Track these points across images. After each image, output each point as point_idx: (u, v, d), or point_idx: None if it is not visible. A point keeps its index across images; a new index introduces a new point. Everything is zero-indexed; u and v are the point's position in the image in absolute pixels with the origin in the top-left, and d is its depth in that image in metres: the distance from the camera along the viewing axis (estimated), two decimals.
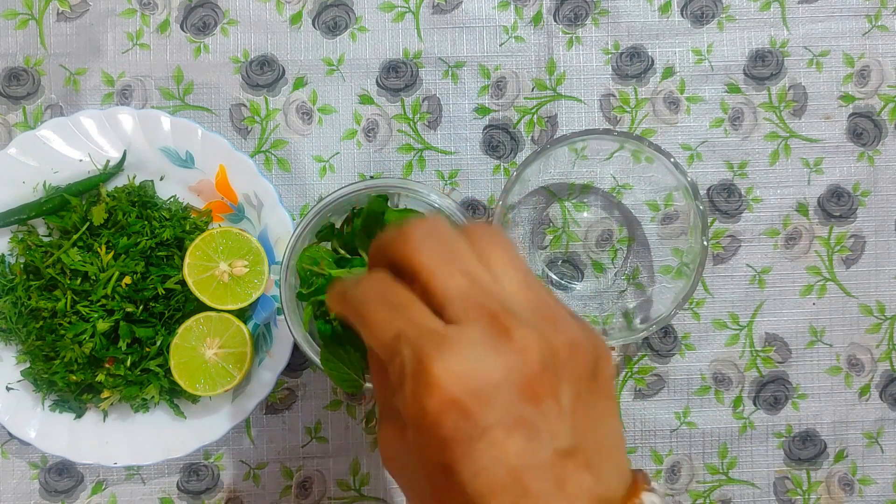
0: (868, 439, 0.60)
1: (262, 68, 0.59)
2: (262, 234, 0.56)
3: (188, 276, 0.53)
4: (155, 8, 0.59)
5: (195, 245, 0.54)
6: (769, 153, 0.60)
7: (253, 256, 0.55)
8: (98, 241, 0.54)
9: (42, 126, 0.55)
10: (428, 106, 0.59)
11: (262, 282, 0.55)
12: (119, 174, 0.56)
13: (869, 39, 0.60)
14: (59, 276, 0.53)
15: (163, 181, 0.57)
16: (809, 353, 0.60)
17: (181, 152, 0.56)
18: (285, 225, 0.55)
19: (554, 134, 0.59)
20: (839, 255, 0.60)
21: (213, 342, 0.54)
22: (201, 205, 0.57)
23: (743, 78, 0.59)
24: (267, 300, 0.56)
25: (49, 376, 0.54)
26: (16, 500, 0.58)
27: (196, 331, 0.54)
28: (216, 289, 0.54)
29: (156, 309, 0.54)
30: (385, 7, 0.59)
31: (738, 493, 0.59)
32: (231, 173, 0.56)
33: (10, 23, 0.58)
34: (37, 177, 0.55)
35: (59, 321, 0.53)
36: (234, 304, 0.54)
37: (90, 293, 0.53)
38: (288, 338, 0.55)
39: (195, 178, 0.56)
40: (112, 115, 0.55)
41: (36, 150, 0.55)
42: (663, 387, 0.59)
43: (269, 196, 0.55)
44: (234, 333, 0.54)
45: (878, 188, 0.60)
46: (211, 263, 0.54)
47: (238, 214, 0.57)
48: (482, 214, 0.59)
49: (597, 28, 0.59)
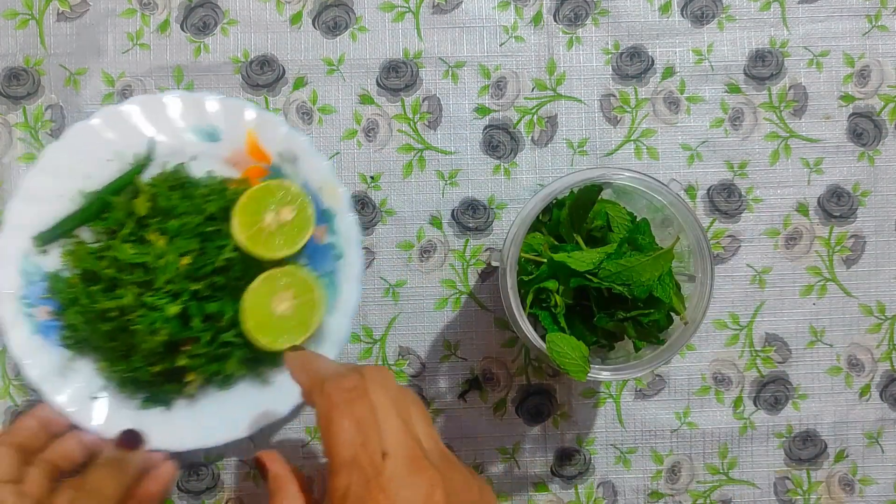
0: (868, 439, 0.60)
1: (263, 68, 0.59)
2: (304, 185, 0.56)
3: (239, 234, 0.54)
4: (155, 8, 0.59)
5: (240, 204, 0.54)
6: (769, 153, 0.60)
7: (297, 201, 0.55)
8: (147, 230, 0.54)
9: (64, 136, 0.55)
10: (428, 106, 0.59)
11: (310, 223, 0.55)
12: (149, 164, 0.56)
13: (869, 39, 0.60)
14: (118, 275, 0.53)
15: (195, 161, 0.57)
16: (810, 353, 0.60)
17: (207, 128, 0.56)
18: (324, 171, 0.56)
19: (554, 134, 0.59)
20: (839, 255, 0.60)
21: (283, 296, 0.54)
22: (238, 175, 0.57)
23: (743, 78, 0.59)
24: (323, 250, 0.56)
25: (132, 374, 0.54)
26: None
27: (264, 290, 0.54)
28: (267, 239, 0.54)
29: (219, 282, 0.54)
30: (385, 7, 0.59)
31: (739, 494, 0.59)
32: (260, 135, 0.56)
33: (10, 23, 0.58)
34: (71, 186, 0.56)
35: (129, 317, 0.53)
36: (289, 250, 0.55)
37: (152, 282, 0.53)
38: (353, 279, 0.55)
39: (226, 151, 0.57)
40: (125, 108, 0.55)
41: (62, 161, 0.55)
42: (664, 387, 0.59)
43: (303, 147, 0.56)
44: (301, 282, 0.55)
45: (879, 188, 0.60)
46: (258, 217, 0.54)
47: (275, 173, 0.57)
48: (482, 214, 0.59)
49: (597, 28, 0.59)
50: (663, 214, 0.51)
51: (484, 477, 0.59)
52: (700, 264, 0.48)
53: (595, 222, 0.52)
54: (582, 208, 0.50)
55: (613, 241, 0.50)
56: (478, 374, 0.59)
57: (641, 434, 0.59)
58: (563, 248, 0.50)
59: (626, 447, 0.59)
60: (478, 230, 0.58)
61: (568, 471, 0.59)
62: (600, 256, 0.48)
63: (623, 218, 0.52)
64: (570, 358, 0.47)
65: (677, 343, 0.48)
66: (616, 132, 0.59)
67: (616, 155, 0.59)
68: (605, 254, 0.48)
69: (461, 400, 0.59)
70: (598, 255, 0.48)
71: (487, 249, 0.59)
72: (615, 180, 0.48)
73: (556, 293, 0.50)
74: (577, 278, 0.49)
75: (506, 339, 0.59)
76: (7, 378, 0.58)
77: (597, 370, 0.48)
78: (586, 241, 0.51)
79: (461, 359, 0.59)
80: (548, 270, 0.50)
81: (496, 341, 0.59)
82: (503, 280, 0.48)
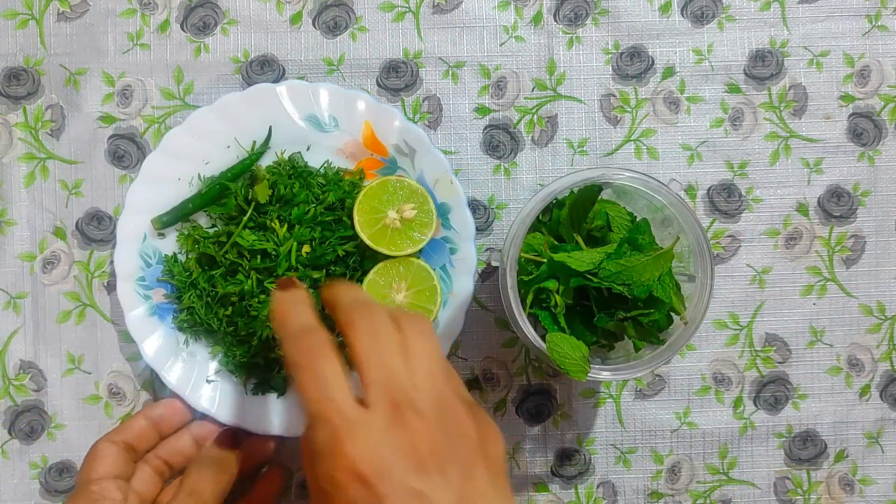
0: (868, 439, 0.60)
1: (263, 68, 0.59)
2: (420, 179, 0.56)
3: (362, 231, 0.54)
4: (155, 8, 0.59)
5: (360, 202, 0.55)
6: (769, 153, 0.60)
7: (418, 198, 0.55)
8: (268, 217, 0.54)
9: (186, 121, 0.56)
10: (428, 106, 0.59)
11: (433, 220, 0.55)
12: (266, 152, 0.57)
13: (869, 39, 0.60)
14: (238, 260, 0.54)
15: (309, 151, 0.57)
16: (810, 353, 0.60)
17: (326, 118, 0.56)
18: (441, 165, 0.56)
19: (554, 134, 0.59)
20: (839, 255, 0.60)
21: (401, 285, 0.55)
22: (351, 166, 0.57)
23: (743, 78, 0.59)
24: (437, 244, 0.57)
25: (249, 359, 0.55)
26: (16, 500, 0.58)
27: (381, 280, 0.55)
28: (391, 237, 0.55)
29: (337, 271, 0.55)
30: (385, 7, 0.59)
31: (739, 494, 0.59)
32: (377, 127, 0.56)
33: (10, 23, 0.58)
34: (190, 171, 0.56)
35: (248, 303, 0.54)
36: (413, 247, 0.55)
37: (273, 269, 0.54)
38: (467, 274, 0.56)
39: (342, 141, 0.57)
40: (254, 93, 0.56)
41: (183, 145, 0.56)
42: (664, 387, 0.59)
43: (420, 141, 0.56)
44: (418, 272, 0.55)
45: (879, 188, 0.60)
46: (380, 215, 0.55)
47: (391, 167, 0.57)
48: (482, 214, 0.59)
49: (597, 28, 0.59)
50: (663, 214, 0.51)
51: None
52: (700, 264, 0.48)
53: (595, 222, 0.52)
54: (582, 208, 0.51)
55: (613, 241, 0.50)
56: (478, 374, 0.59)
57: (641, 434, 0.59)
58: (563, 248, 0.50)
59: (626, 447, 0.59)
60: (478, 230, 0.58)
61: (568, 471, 0.59)
62: (600, 256, 0.48)
63: (623, 218, 0.52)
64: (570, 358, 0.47)
65: (677, 343, 0.48)
66: (616, 132, 0.59)
67: (616, 155, 0.59)
68: (605, 254, 0.48)
69: None
70: (598, 255, 0.48)
71: (487, 249, 0.59)
72: (615, 180, 0.48)
73: (556, 293, 0.50)
74: (577, 278, 0.49)
75: (506, 339, 0.59)
76: (7, 378, 0.58)
77: (597, 370, 0.48)
78: (586, 241, 0.51)
79: (461, 359, 0.59)
80: (548, 270, 0.50)
81: (496, 341, 0.59)
82: (503, 280, 0.48)
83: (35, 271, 0.58)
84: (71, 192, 0.58)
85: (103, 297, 0.58)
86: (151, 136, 0.58)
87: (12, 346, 0.58)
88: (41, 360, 0.58)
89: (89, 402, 0.58)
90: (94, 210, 0.58)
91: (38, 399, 0.58)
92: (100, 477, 0.50)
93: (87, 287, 0.58)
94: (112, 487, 0.50)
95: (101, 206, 0.58)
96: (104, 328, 0.58)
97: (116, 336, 0.58)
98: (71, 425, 0.58)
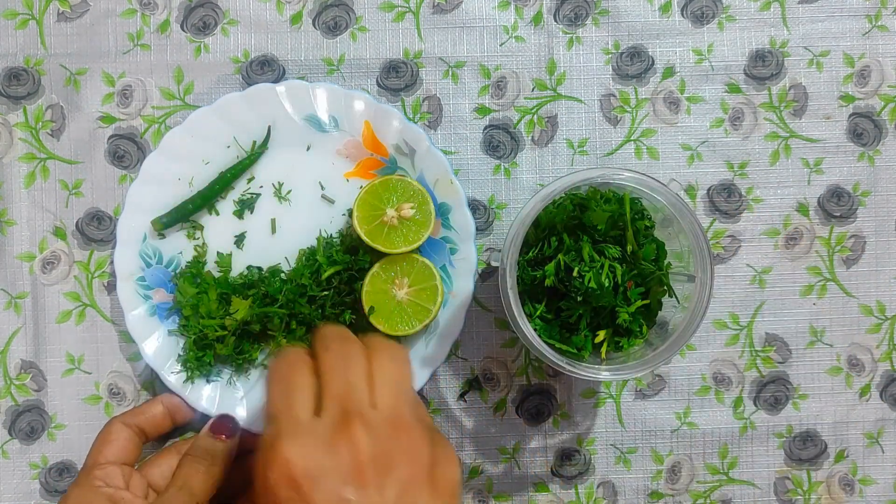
0: (868, 439, 0.60)
1: (263, 68, 0.59)
2: (420, 179, 0.56)
3: (359, 227, 0.54)
4: (155, 8, 0.59)
5: (361, 199, 0.55)
6: (769, 153, 0.60)
7: (418, 198, 0.55)
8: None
9: (186, 121, 0.56)
10: (428, 106, 0.59)
11: (431, 220, 0.55)
12: (266, 152, 0.57)
13: (869, 39, 0.60)
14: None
15: (309, 151, 0.57)
16: (810, 353, 0.60)
17: (326, 118, 0.56)
18: (441, 165, 0.56)
19: (554, 134, 0.59)
20: (839, 255, 0.60)
21: (402, 282, 0.55)
22: (351, 166, 0.57)
23: (743, 78, 0.59)
24: (437, 244, 0.57)
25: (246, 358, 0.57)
26: (16, 500, 0.58)
27: (383, 276, 0.55)
28: (388, 234, 0.55)
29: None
30: (385, 7, 0.59)
31: (739, 494, 0.59)
32: (377, 127, 0.56)
33: (10, 23, 0.58)
34: (190, 171, 0.56)
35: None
36: (408, 246, 0.55)
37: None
38: (467, 274, 0.56)
39: (341, 141, 0.57)
40: (254, 93, 0.56)
41: (183, 145, 0.56)
42: (664, 387, 0.59)
43: (420, 141, 0.56)
44: (422, 270, 0.55)
45: (879, 188, 0.60)
46: (378, 212, 0.55)
47: (391, 167, 0.57)
48: (482, 214, 0.59)
49: (597, 28, 0.59)
50: (663, 214, 0.51)
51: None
52: (700, 264, 0.48)
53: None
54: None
55: None
56: (478, 374, 0.59)
57: (641, 434, 0.59)
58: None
59: (626, 447, 0.59)
60: (478, 230, 0.58)
61: (568, 471, 0.59)
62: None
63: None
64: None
65: (677, 343, 0.48)
66: (616, 132, 0.59)
67: (616, 155, 0.59)
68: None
69: (461, 400, 0.59)
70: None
71: (487, 249, 0.59)
72: (615, 180, 0.48)
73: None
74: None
75: (506, 339, 0.59)
76: (8, 378, 0.58)
77: (597, 370, 0.48)
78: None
79: (461, 359, 0.59)
80: None
81: (496, 341, 0.59)
82: (503, 280, 0.48)
83: (35, 271, 0.58)
84: (71, 192, 0.58)
85: (103, 298, 0.58)
86: (151, 136, 0.58)
87: (13, 345, 0.58)
88: (41, 360, 0.58)
89: (89, 403, 0.58)
90: (94, 210, 0.58)
91: (38, 399, 0.58)
92: (106, 461, 0.50)
93: (87, 287, 0.58)
94: (116, 474, 0.50)
95: (101, 207, 0.58)
96: (104, 328, 0.58)
97: (116, 336, 0.58)
98: (71, 425, 0.58)
